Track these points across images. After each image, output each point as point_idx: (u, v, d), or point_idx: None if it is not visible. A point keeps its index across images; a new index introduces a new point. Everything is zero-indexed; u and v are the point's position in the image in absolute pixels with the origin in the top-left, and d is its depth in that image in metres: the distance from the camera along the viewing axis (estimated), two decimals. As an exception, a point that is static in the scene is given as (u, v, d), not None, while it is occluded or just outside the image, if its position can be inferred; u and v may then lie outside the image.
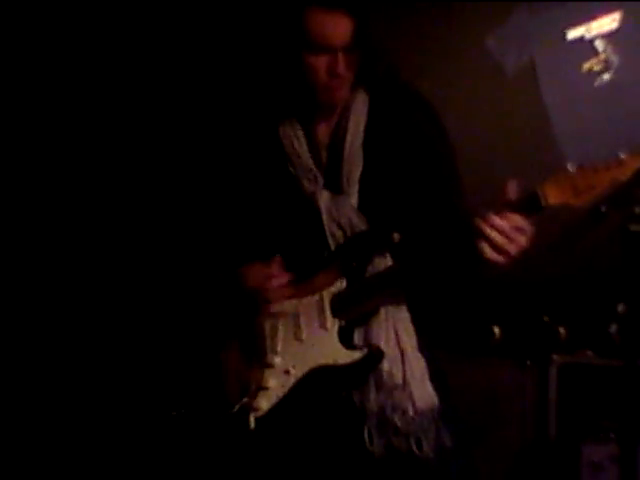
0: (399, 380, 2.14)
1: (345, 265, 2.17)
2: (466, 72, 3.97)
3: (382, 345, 2.14)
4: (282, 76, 2.27)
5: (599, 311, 3.40)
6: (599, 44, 3.83)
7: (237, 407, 2.18)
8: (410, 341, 2.18)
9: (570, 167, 1.95)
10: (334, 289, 2.17)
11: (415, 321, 2.20)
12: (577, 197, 1.93)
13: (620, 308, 3.23)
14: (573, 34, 3.87)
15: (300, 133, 2.29)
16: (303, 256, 2.23)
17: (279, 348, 2.21)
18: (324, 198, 2.22)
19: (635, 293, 2.71)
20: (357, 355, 2.12)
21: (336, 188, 2.23)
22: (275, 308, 2.21)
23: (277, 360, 2.19)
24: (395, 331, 2.16)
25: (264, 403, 2.16)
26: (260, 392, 2.17)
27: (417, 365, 2.16)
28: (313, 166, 2.25)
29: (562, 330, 3.45)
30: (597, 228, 2.49)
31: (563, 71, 3.89)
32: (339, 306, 2.16)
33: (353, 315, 2.16)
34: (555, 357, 3.36)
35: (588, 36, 3.85)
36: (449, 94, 3.92)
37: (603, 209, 2.45)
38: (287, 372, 2.17)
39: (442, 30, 4.00)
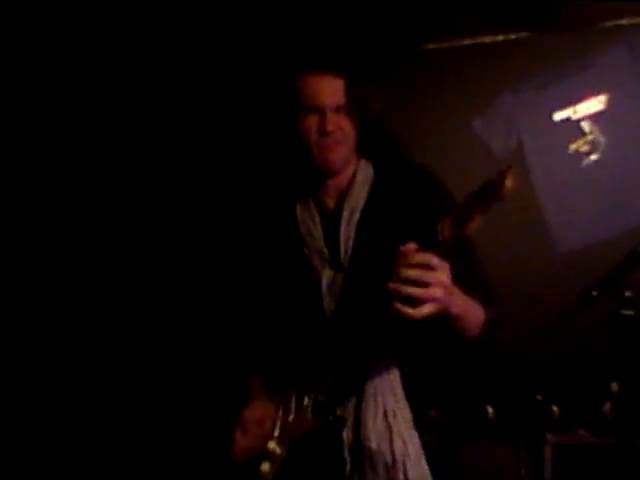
0: (388, 458, 2.14)
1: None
2: (453, 152, 4.02)
3: (369, 423, 2.16)
4: (282, 144, 2.34)
5: (592, 390, 3.40)
6: (585, 125, 3.88)
7: None
8: (402, 419, 2.17)
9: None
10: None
11: (410, 398, 2.20)
12: (463, 228, 1.88)
13: (613, 387, 3.23)
14: (560, 115, 3.93)
15: (315, 213, 2.34)
16: (304, 331, 2.27)
17: (276, 433, 2.27)
18: (326, 276, 2.26)
19: (627, 372, 2.73)
20: (319, 423, 2.17)
21: (337, 266, 2.27)
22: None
23: (271, 445, 2.26)
24: (384, 409, 2.17)
25: None
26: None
27: (411, 443, 2.16)
28: (324, 246, 2.29)
29: (556, 409, 3.44)
30: (588, 311, 2.51)
31: (550, 152, 3.94)
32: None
33: (323, 390, 2.19)
34: (549, 436, 3.34)
35: (574, 117, 3.91)
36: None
37: (594, 293, 2.49)
38: (275, 454, 2.24)
39: (429, 111, 4.08)
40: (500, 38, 4.01)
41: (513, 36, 3.99)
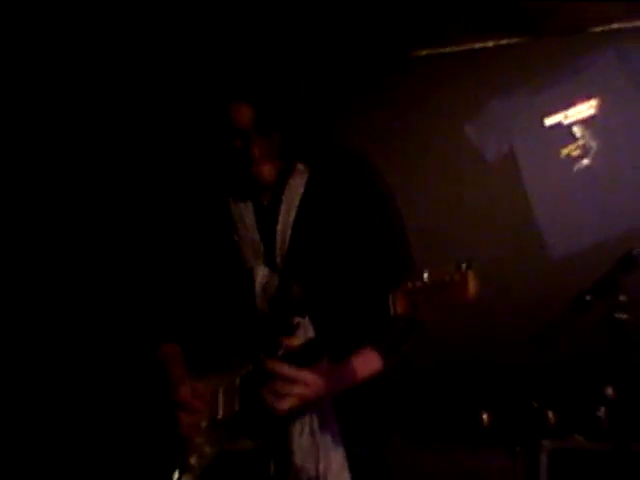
0: (312, 473, 2.15)
1: (252, 353, 2.20)
2: (445, 158, 4.02)
3: (295, 438, 2.17)
4: (220, 154, 2.37)
5: (587, 395, 3.39)
6: (577, 130, 3.89)
7: None
8: (328, 433, 2.18)
9: (424, 275, 1.86)
10: (243, 372, 2.21)
11: (337, 410, 2.21)
12: (416, 311, 1.86)
13: (608, 391, 3.22)
14: (551, 120, 3.93)
15: (250, 206, 2.35)
16: (234, 326, 2.28)
17: (203, 425, 2.27)
18: (260, 274, 2.28)
19: (622, 376, 2.72)
20: (250, 444, 2.18)
21: (272, 264, 2.28)
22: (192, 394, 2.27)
23: (198, 439, 2.25)
24: (311, 426, 2.18)
25: None
26: (185, 470, 2.24)
27: (335, 456, 2.17)
28: (259, 241, 2.31)
29: (551, 415, 3.43)
30: (583, 316, 2.50)
31: (542, 157, 3.94)
32: (246, 389, 2.20)
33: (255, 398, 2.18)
34: (545, 442, 3.33)
35: (566, 122, 3.91)
36: (430, 183, 3.98)
37: (588, 298, 2.48)
38: (203, 451, 2.24)
39: (421, 117, 4.08)
40: (490, 44, 4.01)
41: (504, 42, 4.00)
